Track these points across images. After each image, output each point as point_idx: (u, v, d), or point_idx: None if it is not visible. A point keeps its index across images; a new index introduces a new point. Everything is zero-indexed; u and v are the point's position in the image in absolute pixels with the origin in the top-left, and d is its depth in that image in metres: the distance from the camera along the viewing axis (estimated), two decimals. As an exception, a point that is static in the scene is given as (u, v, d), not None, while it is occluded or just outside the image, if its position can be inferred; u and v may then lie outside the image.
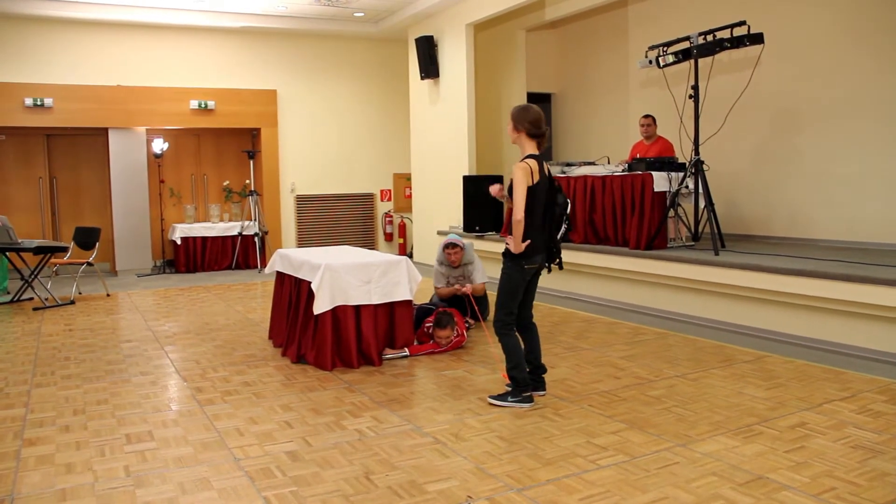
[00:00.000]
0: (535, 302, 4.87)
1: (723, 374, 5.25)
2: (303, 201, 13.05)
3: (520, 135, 4.60)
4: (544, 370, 4.84)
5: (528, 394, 4.60)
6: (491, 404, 4.61)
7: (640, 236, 7.59)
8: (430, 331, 6.11)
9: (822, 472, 3.45)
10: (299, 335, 5.83)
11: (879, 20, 7.62)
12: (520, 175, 4.41)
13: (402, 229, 13.72)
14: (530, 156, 4.53)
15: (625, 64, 10.95)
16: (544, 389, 4.80)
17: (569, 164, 8.94)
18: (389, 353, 5.79)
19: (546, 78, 12.44)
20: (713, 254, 6.95)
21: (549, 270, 4.75)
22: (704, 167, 7.36)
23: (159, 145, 11.75)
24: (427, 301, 7.14)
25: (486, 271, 7.16)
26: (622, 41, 11.03)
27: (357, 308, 5.63)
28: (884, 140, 7.58)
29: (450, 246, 6.84)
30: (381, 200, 13.79)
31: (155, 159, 11.89)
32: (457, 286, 6.88)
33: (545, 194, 4.55)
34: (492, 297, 5.43)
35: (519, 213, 4.39)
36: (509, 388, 4.69)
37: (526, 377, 4.61)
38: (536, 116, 4.56)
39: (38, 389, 5.13)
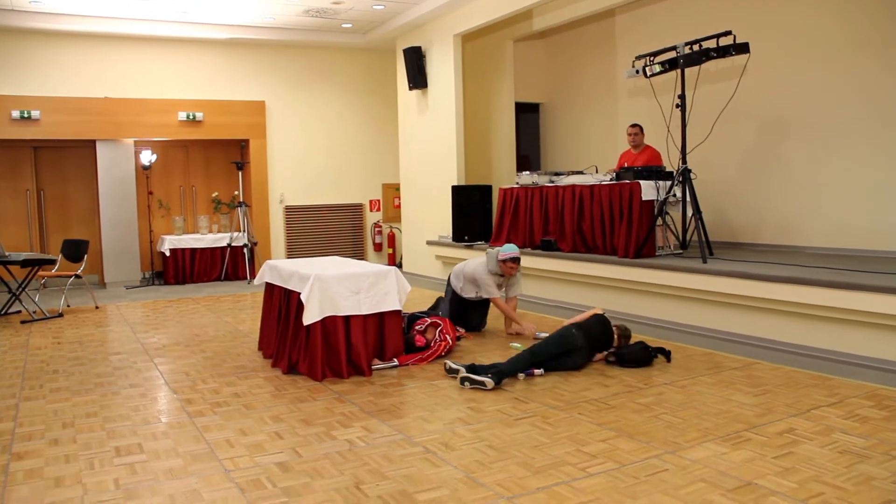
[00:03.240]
0: (525, 311, 4.90)
1: (711, 381, 5.28)
2: (292, 212, 13.05)
3: None
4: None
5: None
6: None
7: (629, 245, 7.63)
8: (421, 330, 6.27)
9: (810, 478, 3.47)
10: (290, 346, 5.82)
11: (864, 29, 7.71)
12: None
13: (392, 239, 13.74)
14: None
15: (612, 73, 11.02)
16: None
17: (557, 174, 8.98)
18: (379, 364, 5.79)
19: (534, 88, 12.50)
20: (701, 262, 6.99)
21: None
22: (692, 176, 7.41)
23: (147, 157, 11.73)
24: (421, 310, 7.15)
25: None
26: (609, 51, 11.11)
27: (347, 318, 5.63)
28: (869, 147, 7.66)
29: (515, 261, 6.90)
30: (370, 211, 13.81)
31: (143, 171, 11.87)
32: (524, 326, 7.02)
33: None
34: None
35: None
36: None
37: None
38: None
39: (26, 403, 5.11)
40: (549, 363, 5.56)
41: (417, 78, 11.29)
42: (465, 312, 7.23)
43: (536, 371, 5.46)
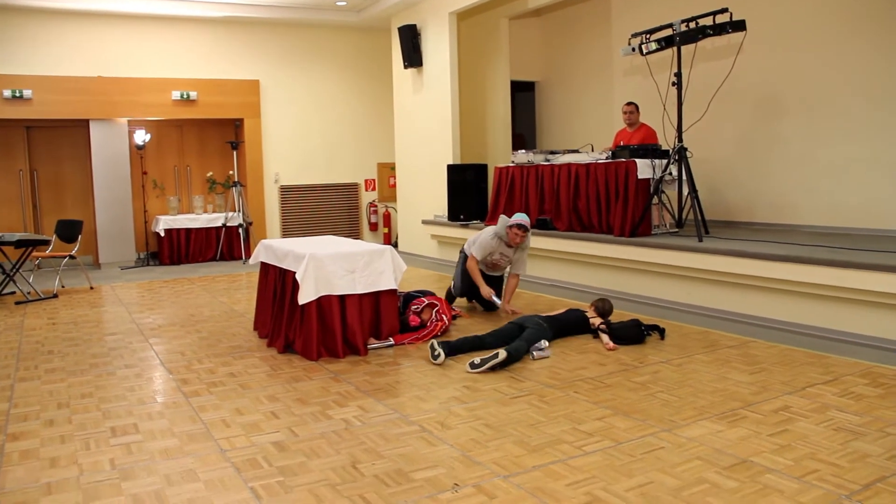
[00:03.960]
0: (520, 290, 4.91)
1: (707, 359, 5.29)
2: (287, 192, 13.00)
3: None
4: None
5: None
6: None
7: (625, 223, 7.62)
8: (417, 310, 6.23)
9: (805, 455, 3.48)
10: (285, 326, 5.82)
11: (862, 6, 7.66)
12: None
13: (387, 219, 13.70)
14: None
15: (608, 51, 10.95)
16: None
17: (553, 153, 8.95)
18: (375, 343, 5.79)
19: (530, 66, 12.42)
20: (697, 240, 6.98)
21: None
22: (688, 154, 7.39)
23: (141, 137, 11.66)
24: (417, 289, 7.14)
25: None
26: (605, 29, 11.03)
27: (342, 298, 5.62)
28: (867, 126, 7.63)
29: (521, 227, 6.71)
30: (366, 190, 13.76)
31: (137, 151, 11.79)
32: (487, 291, 6.79)
33: None
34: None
35: None
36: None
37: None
38: None
39: (21, 384, 5.10)
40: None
41: (412, 56, 11.21)
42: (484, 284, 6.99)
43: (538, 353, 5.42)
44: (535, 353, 5.38)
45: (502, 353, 5.10)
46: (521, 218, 6.77)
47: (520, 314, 6.55)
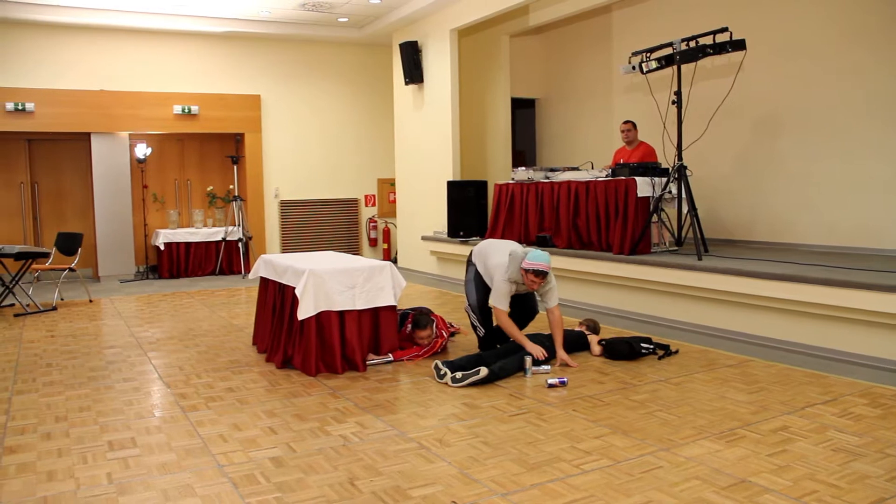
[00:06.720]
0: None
1: (706, 378, 5.28)
2: (287, 206, 13.01)
3: None
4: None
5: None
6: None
7: (624, 241, 7.63)
8: (410, 332, 6.13)
9: (804, 476, 3.47)
10: (284, 341, 5.81)
11: (860, 24, 7.70)
12: None
13: (387, 234, 13.71)
14: None
15: (608, 70, 11.01)
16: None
17: (553, 170, 8.97)
18: (374, 359, 5.78)
19: (530, 83, 12.47)
20: (696, 258, 6.99)
21: None
22: (687, 172, 7.41)
23: (142, 150, 11.68)
24: (412, 307, 7.13)
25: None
26: (606, 47, 11.09)
27: (341, 313, 5.62)
28: (864, 145, 7.66)
29: (538, 274, 5.48)
30: (366, 206, 13.78)
31: (138, 164, 11.82)
32: (540, 352, 5.56)
33: None
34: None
35: None
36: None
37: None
38: None
39: (19, 396, 5.09)
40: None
41: (413, 73, 11.27)
42: (516, 301, 5.91)
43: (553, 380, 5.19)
44: (548, 381, 5.12)
45: (483, 371, 5.11)
46: (538, 261, 5.49)
47: (576, 366, 5.63)
